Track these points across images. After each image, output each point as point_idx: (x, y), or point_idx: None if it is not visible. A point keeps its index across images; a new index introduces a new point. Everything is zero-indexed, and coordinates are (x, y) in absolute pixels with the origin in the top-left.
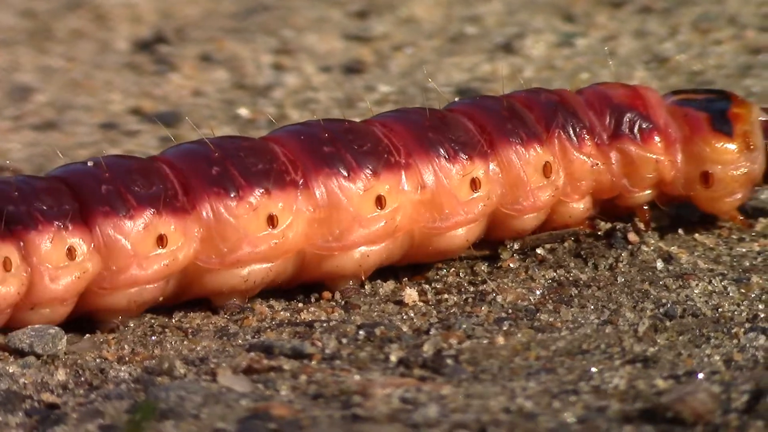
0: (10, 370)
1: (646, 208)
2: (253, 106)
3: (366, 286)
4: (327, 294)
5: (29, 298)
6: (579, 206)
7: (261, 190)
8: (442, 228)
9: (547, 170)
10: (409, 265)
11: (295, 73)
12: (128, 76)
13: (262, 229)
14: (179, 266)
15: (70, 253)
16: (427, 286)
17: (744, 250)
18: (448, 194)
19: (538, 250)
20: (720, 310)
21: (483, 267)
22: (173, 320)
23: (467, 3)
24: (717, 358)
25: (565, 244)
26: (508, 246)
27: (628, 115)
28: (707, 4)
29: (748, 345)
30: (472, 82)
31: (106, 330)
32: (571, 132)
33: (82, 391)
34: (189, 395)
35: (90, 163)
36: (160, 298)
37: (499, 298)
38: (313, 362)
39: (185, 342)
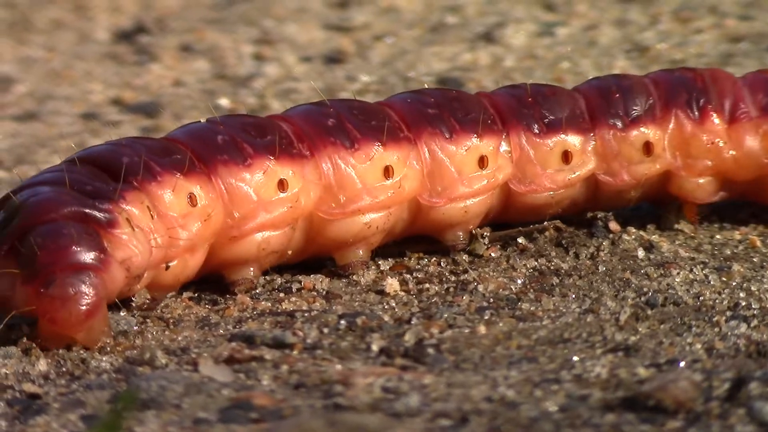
0: None
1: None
2: (234, 96)
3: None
4: (308, 284)
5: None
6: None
7: (377, 144)
8: (530, 190)
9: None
10: (390, 255)
11: (275, 63)
12: (109, 67)
13: (379, 180)
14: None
15: (191, 200)
16: (408, 276)
17: (725, 238)
18: (532, 163)
19: (519, 240)
20: (701, 298)
21: (464, 256)
22: (154, 310)
23: None
24: (698, 346)
25: (546, 234)
26: (479, 236)
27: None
28: None
29: (729, 333)
30: (452, 71)
31: (242, 288)
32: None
33: (64, 381)
34: (170, 385)
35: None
36: (289, 252)
37: (481, 288)
38: (295, 352)
39: (166, 332)
